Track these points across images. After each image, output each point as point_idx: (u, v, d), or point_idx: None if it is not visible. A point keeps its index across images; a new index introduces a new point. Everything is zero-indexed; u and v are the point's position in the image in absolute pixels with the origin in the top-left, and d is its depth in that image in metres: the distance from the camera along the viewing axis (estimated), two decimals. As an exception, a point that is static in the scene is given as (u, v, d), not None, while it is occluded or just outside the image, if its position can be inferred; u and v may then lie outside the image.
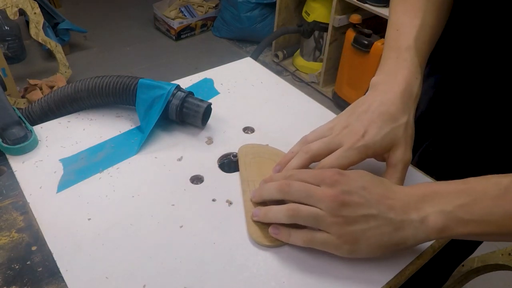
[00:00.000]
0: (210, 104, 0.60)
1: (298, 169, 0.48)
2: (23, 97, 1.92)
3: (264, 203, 0.48)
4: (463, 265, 1.03)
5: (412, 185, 0.44)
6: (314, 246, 0.43)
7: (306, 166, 0.49)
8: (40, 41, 1.93)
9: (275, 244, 0.46)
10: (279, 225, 0.45)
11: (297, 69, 2.42)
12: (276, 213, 0.44)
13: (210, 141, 0.60)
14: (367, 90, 0.53)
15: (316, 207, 0.42)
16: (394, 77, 0.51)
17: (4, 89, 0.57)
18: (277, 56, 2.47)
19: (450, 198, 0.41)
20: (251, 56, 0.82)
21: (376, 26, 2.03)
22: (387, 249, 0.42)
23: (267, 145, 0.59)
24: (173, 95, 0.58)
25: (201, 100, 0.59)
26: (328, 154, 0.48)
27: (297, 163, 0.48)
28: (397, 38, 0.54)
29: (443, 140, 0.68)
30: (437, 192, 0.42)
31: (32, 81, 1.98)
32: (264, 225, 0.46)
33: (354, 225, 0.41)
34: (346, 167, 0.47)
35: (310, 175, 0.44)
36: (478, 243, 0.81)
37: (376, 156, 0.49)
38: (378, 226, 0.41)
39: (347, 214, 0.41)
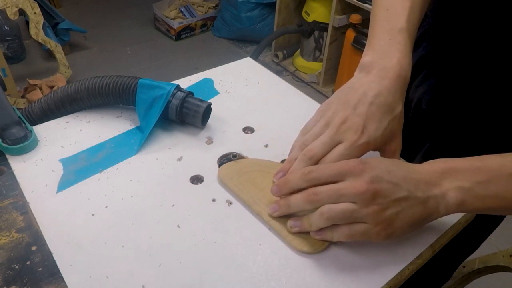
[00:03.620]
0: (210, 104, 0.60)
1: (317, 166, 0.46)
2: (23, 97, 1.92)
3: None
4: (464, 266, 1.03)
5: (428, 162, 0.45)
6: (355, 239, 0.43)
7: None
8: (40, 41, 1.93)
9: (324, 246, 0.45)
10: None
11: (297, 69, 2.42)
12: (317, 223, 0.44)
13: (210, 141, 0.60)
14: None
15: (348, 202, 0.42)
16: (389, 60, 0.49)
17: (4, 89, 0.57)
18: (277, 56, 2.47)
19: (467, 174, 0.43)
20: (251, 56, 0.82)
21: (376, 26, 2.03)
22: (418, 225, 0.44)
23: (244, 158, 0.56)
24: (173, 95, 0.58)
25: (201, 100, 0.59)
26: None
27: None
28: (388, 18, 0.53)
29: (447, 140, 0.68)
30: (454, 168, 0.44)
31: (32, 81, 1.98)
32: (304, 234, 0.46)
33: (388, 210, 0.42)
34: None
35: (333, 169, 0.43)
36: (479, 243, 0.81)
37: (374, 149, 0.49)
38: (409, 207, 0.42)
39: (381, 202, 0.41)
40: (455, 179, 0.43)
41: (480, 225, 0.72)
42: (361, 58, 0.52)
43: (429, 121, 0.69)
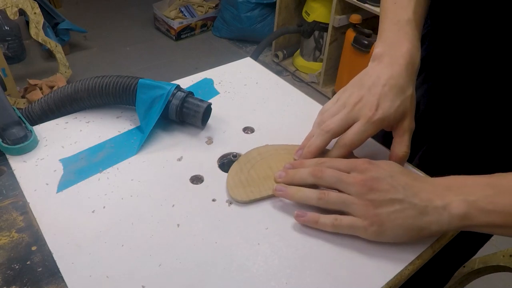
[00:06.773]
0: (210, 104, 0.60)
1: (330, 158, 0.50)
2: (23, 97, 1.92)
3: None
4: (464, 266, 1.03)
5: (439, 177, 0.46)
6: (341, 230, 0.45)
7: (327, 143, 0.51)
8: (40, 41, 1.93)
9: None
10: (306, 211, 0.47)
11: (297, 69, 2.42)
12: (307, 193, 0.47)
13: (210, 141, 0.60)
14: None
15: (345, 192, 0.45)
16: (399, 50, 0.52)
17: (4, 89, 0.57)
18: (277, 56, 2.47)
19: (475, 189, 0.42)
20: (251, 56, 0.82)
21: (376, 26, 2.02)
22: (412, 232, 0.44)
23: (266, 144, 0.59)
24: (173, 95, 0.58)
25: (201, 100, 0.59)
26: (346, 129, 0.50)
27: (320, 142, 0.50)
28: (396, 11, 0.56)
29: (443, 142, 0.68)
30: (463, 183, 0.44)
31: (32, 81, 1.98)
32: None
33: (379, 208, 0.43)
34: (364, 140, 0.49)
35: (342, 162, 0.47)
36: (480, 246, 0.81)
37: (388, 127, 0.51)
38: (402, 210, 0.43)
39: (374, 198, 0.43)
40: (461, 192, 0.43)
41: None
42: (374, 50, 0.55)
43: (427, 123, 0.69)
